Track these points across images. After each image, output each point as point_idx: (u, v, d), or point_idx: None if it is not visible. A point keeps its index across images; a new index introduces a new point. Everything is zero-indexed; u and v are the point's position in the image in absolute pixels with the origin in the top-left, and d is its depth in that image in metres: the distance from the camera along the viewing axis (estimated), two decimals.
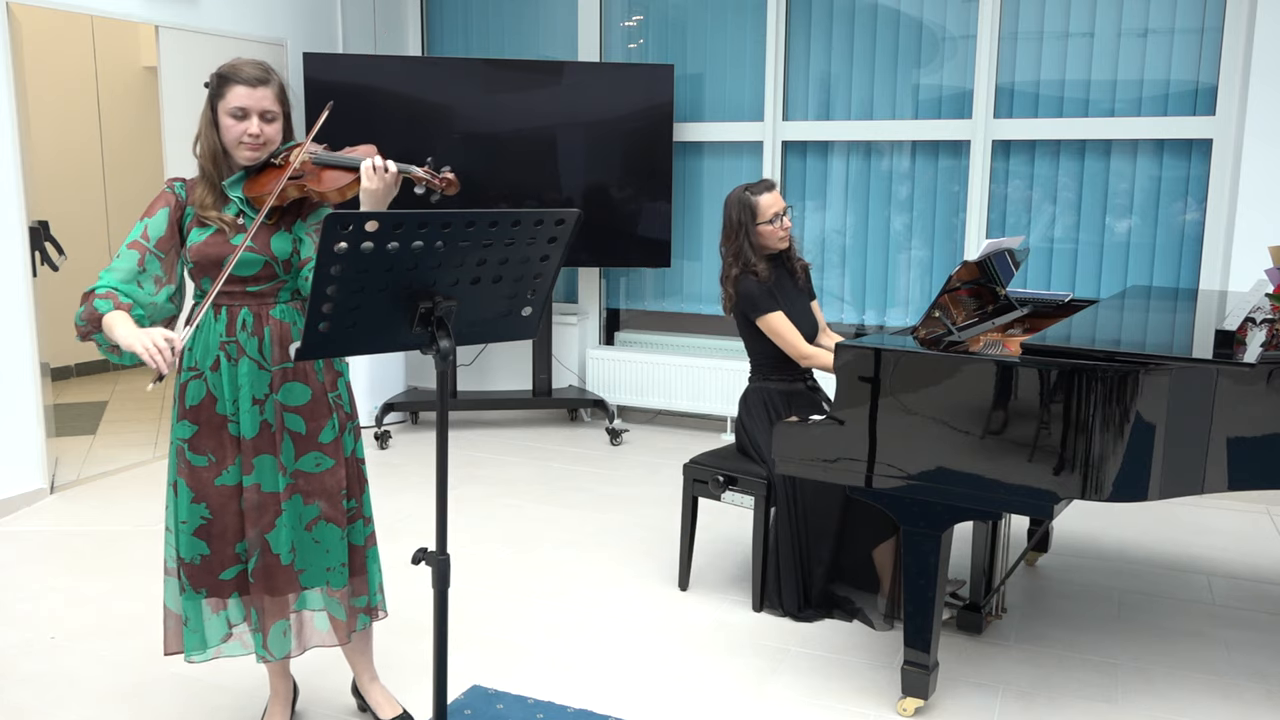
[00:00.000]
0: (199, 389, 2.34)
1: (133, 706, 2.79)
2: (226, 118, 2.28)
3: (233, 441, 2.35)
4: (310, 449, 2.39)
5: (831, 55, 5.46)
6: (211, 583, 2.37)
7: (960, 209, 5.29)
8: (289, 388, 2.36)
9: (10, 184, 4.30)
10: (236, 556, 2.37)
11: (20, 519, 4.26)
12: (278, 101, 2.31)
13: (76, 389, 6.72)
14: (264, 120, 2.29)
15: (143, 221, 2.32)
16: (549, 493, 4.67)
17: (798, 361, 3.38)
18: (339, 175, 2.30)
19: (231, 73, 2.28)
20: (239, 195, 2.32)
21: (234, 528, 2.36)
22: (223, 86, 2.28)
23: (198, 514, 2.34)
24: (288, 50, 5.59)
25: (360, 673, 2.67)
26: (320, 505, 2.40)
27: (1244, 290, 3.94)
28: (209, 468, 2.34)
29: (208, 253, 2.29)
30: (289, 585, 2.40)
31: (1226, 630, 3.30)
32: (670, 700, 2.84)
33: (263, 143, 2.30)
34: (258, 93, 2.27)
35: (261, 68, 2.31)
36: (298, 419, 2.37)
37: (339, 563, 2.43)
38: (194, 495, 2.34)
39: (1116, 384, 2.39)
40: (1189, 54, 4.78)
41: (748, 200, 3.36)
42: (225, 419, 2.34)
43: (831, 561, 3.31)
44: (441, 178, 2.28)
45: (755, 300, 3.37)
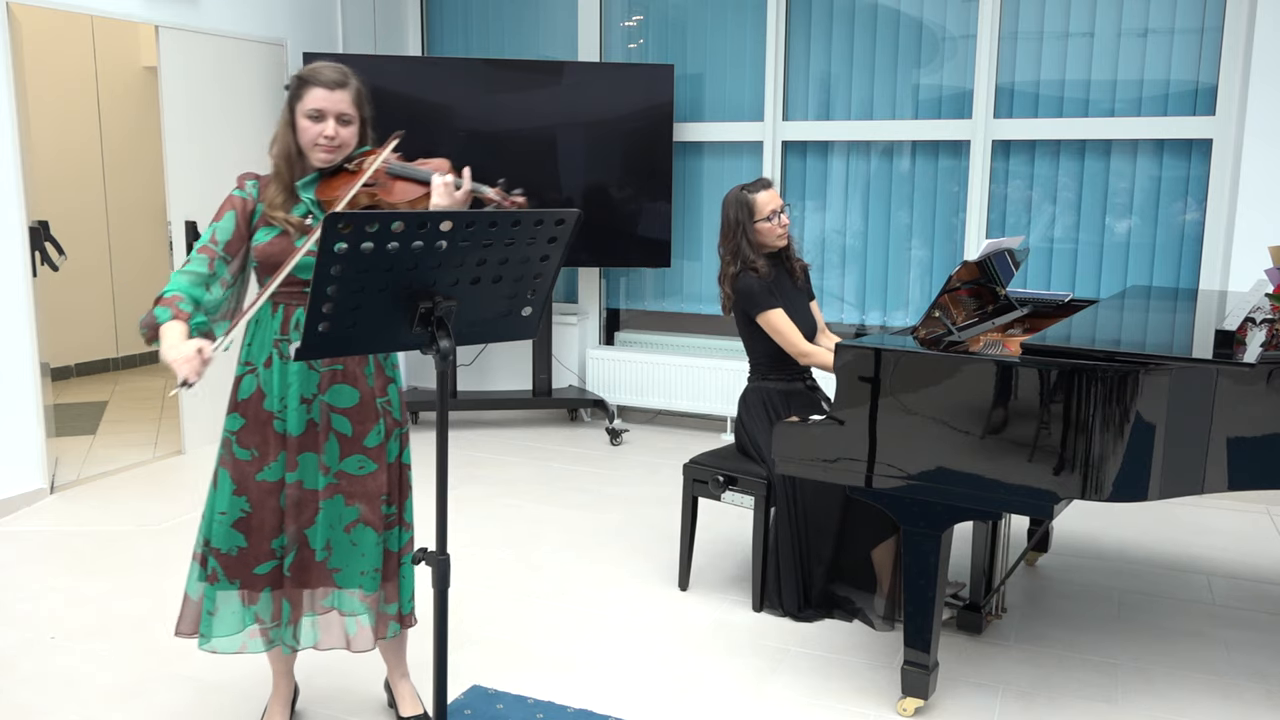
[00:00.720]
0: (251, 383, 2.37)
1: (133, 706, 2.79)
2: (303, 119, 2.32)
3: (277, 438, 2.37)
4: (354, 451, 2.41)
5: (831, 55, 5.46)
6: (245, 575, 2.39)
7: (960, 209, 5.29)
8: (337, 389, 2.39)
9: (10, 184, 4.30)
10: (272, 552, 2.39)
11: (20, 519, 4.26)
12: (354, 105, 2.35)
13: (76, 389, 6.72)
14: (340, 123, 2.32)
15: (212, 226, 2.37)
16: (549, 493, 4.67)
17: (797, 359, 3.38)
18: (410, 187, 2.33)
19: (311, 75, 2.33)
20: (310, 197, 2.35)
21: (271, 524, 2.38)
22: (301, 88, 2.32)
23: (238, 506, 2.37)
24: (288, 50, 5.59)
25: (393, 668, 2.70)
26: (360, 508, 2.42)
27: (1244, 290, 3.94)
28: (252, 462, 2.37)
29: (271, 253, 2.33)
30: (321, 579, 2.43)
31: (1226, 630, 3.30)
32: (670, 700, 2.84)
33: (337, 145, 2.33)
34: (335, 95, 2.31)
35: (341, 72, 2.35)
36: (344, 421, 2.40)
37: (373, 567, 2.45)
38: (235, 487, 2.37)
39: (1116, 384, 2.39)
40: (1189, 54, 4.78)
41: (745, 198, 3.37)
42: (272, 415, 2.37)
43: (831, 561, 3.31)
44: (511, 200, 2.32)
45: (755, 297, 3.37)
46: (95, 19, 6.70)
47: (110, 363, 7.26)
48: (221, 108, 5.23)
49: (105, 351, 7.22)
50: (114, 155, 7.16)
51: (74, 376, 7.01)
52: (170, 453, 5.23)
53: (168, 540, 4.02)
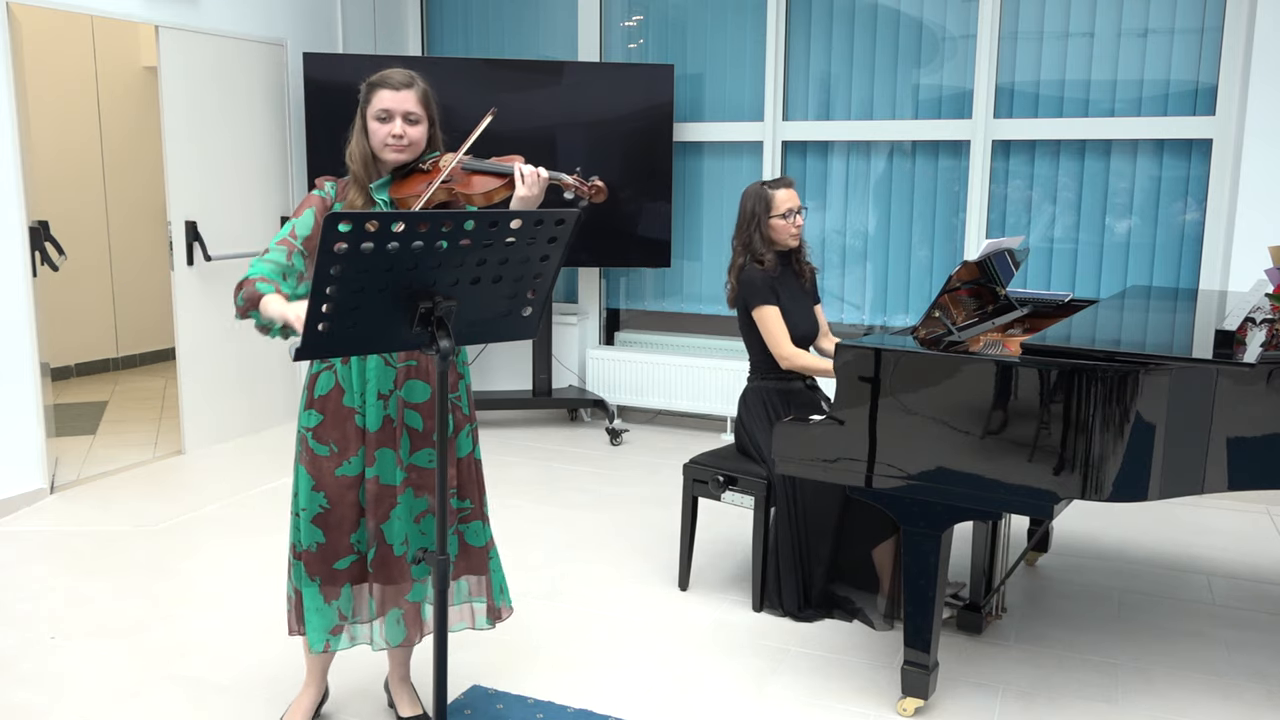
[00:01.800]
0: (329, 380, 2.40)
1: (133, 706, 2.79)
2: (373, 121, 2.38)
3: (357, 433, 2.41)
4: (425, 445, 2.45)
5: (831, 55, 5.46)
6: (325, 571, 2.42)
7: (960, 209, 5.29)
8: (411, 385, 2.42)
9: (10, 184, 4.30)
10: (351, 547, 2.43)
11: (20, 519, 4.26)
12: (420, 105, 2.41)
13: (76, 389, 6.72)
14: (407, 122, 2.38)
15: (291, 222, 2.40)
16: (549, 493, 4.67)
17: (778, 360, 3.39)
18: (487, 179, 2.41)
19: (379, 80, 2.40)
20: (385, 198, 2.40)
21: (350, 519, 2.42)
22: (370, 92, 2.40)
23: (316, 502, 2.41)
24: (288, 50, 5.59)
25: (394, 669, 2.71)
26: (429, 500, 2.46)
27: (1244, 290, 3.94)
28: (330, 457, 2.40)
29: None
30: (403, 575, 2.47)
31: (1226, 630, 3.30)
32: (670, 700, 2.84)
33: (406, 144, 2.38)
34: (401, 95, 2.38)
35: (407, 74, 2.42)
36: (416, 415, 2.43)
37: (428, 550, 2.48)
38: (314, 483, 2.41)
39: (1116, 384, 2.39)
40: (1189, 54, 4.78)
41: (764, 193, 3.40)
42: (352, 411, 2.40)
43: (831, 561, 3.32)
44: (591, 185, 2.41)
45: (755, 289, 3.39)
46: (95, 19, 6.70)
47: (110, 363, 7.26)
48: (221, 108, 5.23)
49: (105, 351, 7.22)
50: (114, 155, 7.16)
51: (74, 376, 7.01)
52: (170, 453, 5.23)
53: (168, 540, 4.02)
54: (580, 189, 2.42)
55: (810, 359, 3.38)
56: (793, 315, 3.43)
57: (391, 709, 2.75)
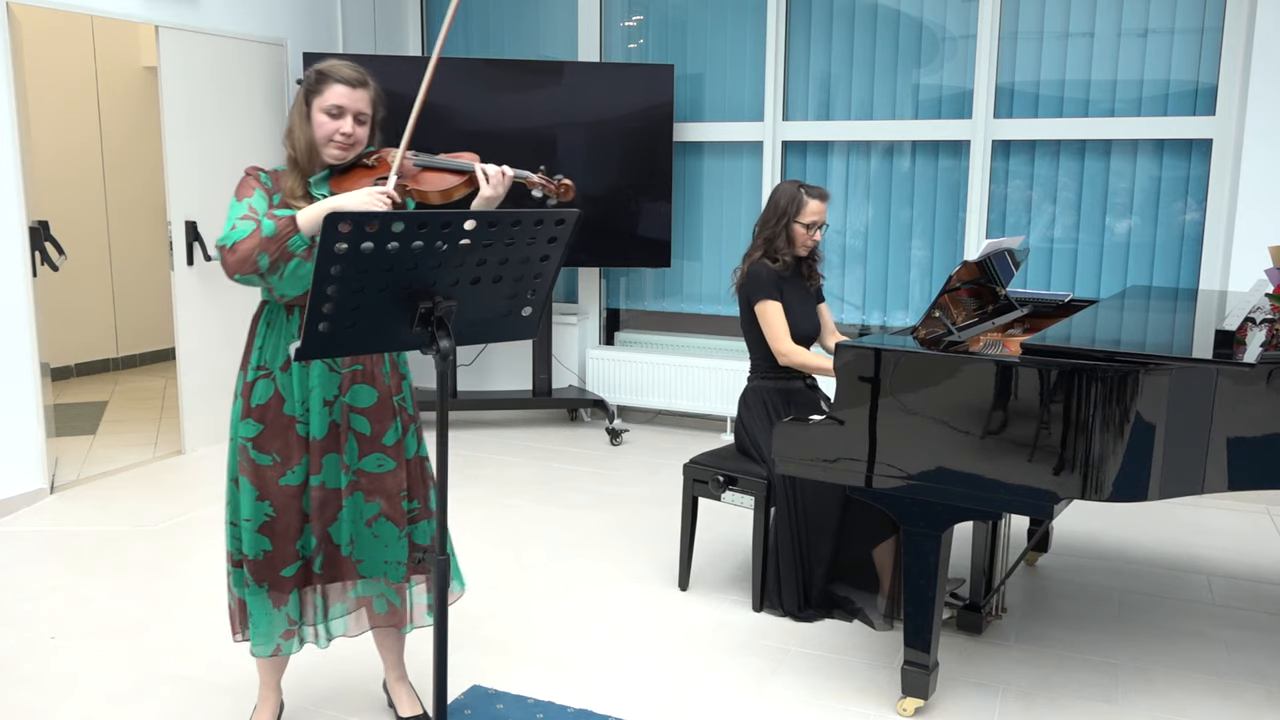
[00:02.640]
0: (267, 388, 2.36)
1: (132, 706, 2.79)
2: (320, 114, 2.32)
3: (299, 441, 2.37)
4: (373, 450, 2.43)
5: (831, 55, 5.46)
6: (273, 578, 2.40)
7: (960, 209, 5.29)
8: (356, 390, 2.40)
9: (10, 184, 4.30)
10: (296, 554, 2.41)
11: (20, 519, 4.26)
12: (371, 105, 2.37)
13: (76, 389, 6.72)
14: (357, 122, 2.34)
15: (241, 201, 2.29)
16: (549, 493, 4.67)
17: (776, 356, 3.40)
18: (443, 176, 2.36)
19: (332, 71, 2.34)
20: (324, 193, 2.36)
21: (295, 525, 2.40)
22: (320, 83, 2.33)
23: (261, 511, 2.37)
24: (288, 50, 5.59)
25: (390, 669, 2.71)
26: (380, 504, 2.44)
27: (1244, 290, 3.94)
28: (273, 467, 2.37)
29: None
30: (348, 574, 2.46)
31: (1226, 630, 3.30)
32: (670, 700, 2.84)
33: (352, 143, 2.35)
34: (356, 94, 2.33)
35: (360, 71, 2.37)
36: (363, 420, 2.41)
37: (396, 559, 2.47)
38: (258, 493, 2.37)
39: (1116, 384, 2.39)
40: (1189, 54, 4.78)
41: (800, 196, 3.43)
42: (293, 419, 2.36)
43: (831, 561, 3.32)
44: (559, 183, 2.36)
45: (760, 283, 3.41)
46: (95, 19, 6.70)
47: (110, 363, 7.26)
48: (221, 108, 5.23)
49: (105, 351, 7.22)
50: (114, 155, 7.16)
51: (74, 376, 7.01)
52: (170, 453, 5.23)
53: (167, 540, 4.02)
54: (548, 187, 2.38)
55: (809, 356, 3.39)
56: (795, 313, 3.43)
57: (392, 709, 2.75)
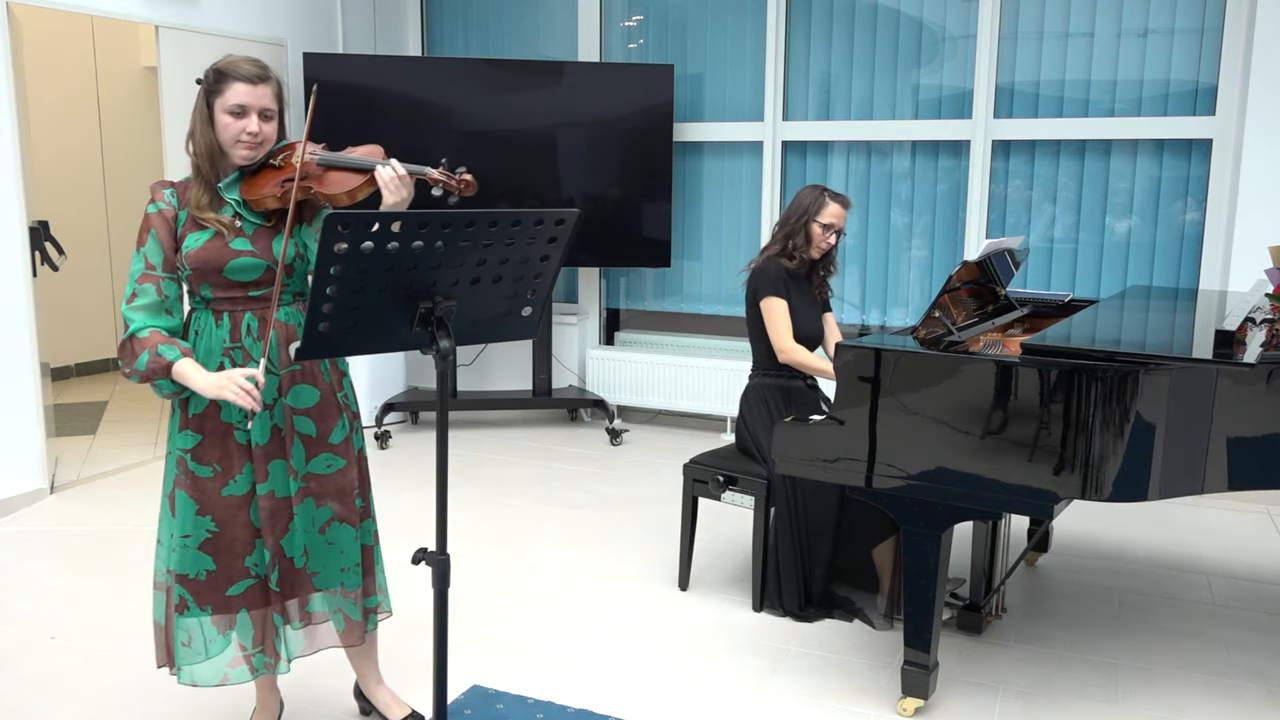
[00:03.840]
0: (202, 398, 2.25)
1: (132, 706, 2.79)
2: (224, 115, 2.21)
3: (240, 450, 2.28)
4: (321, 450, 2.36)
5: (831, 55, 5.46)
6: (217, 599, 2.28)
7: (960, 209, 5.29)
8: (297, 390, 2.32)
9: (10, 184, 4.30)
10: (246, 570, 2.30)
11: (20, 519, 4.26)
12: (276, 99, 2.26)
13: (76, 389, 6.72)
14: (263, 119, 2.23)
15: (139, 252, 2.24)
16: (549, 493, 4.67)
17: (776, 353, 3.41)
18: (347, 177, 2.25)
19: (230, 69, 2.22)
20: (235, 197, 2.26)
21: (243, 539, 2.29)
22: (220, 83, 2.21)
23: (203, 527, 2.27)
24: (288, 50, 5.59)
25: (366, 676, 2.64)
26: (333, 506, 2.37)
27: (1244, 290, 3.94)
28: (214, 478, 2.27)
29: (206, 258, 2.22)
30: (303, 588, 2.37)
31: (1226, 630, 3.30)
32: (670, 700, 2.84)
33: (260, 142, 2.24)
34: (257, 90, 2.22)
35: (259, 65, 2.26)
36: (307, 421, 2.33)
37: (353, 563, 2.41)
38: (199, 508, 2.27)
39: (1116, 384, 2.39)
40: (1189, 54, 4.78)
41: (821, 199, 3.45)
42: (231, 426, 2.28)
43: (830, 561, 3.32)
44: (459, 179, 2.24)
45: (768, 280, 3.42)
46: (95, 19, 6.69)
47: (110, 363, 7.26)
48: None
49: (105, 351, 7.21)
50: (114, 155, 7.16)
51: (74, 376, 7.01)
52: None
53: None
54: (448, 184, 2.23)
55: (807, 356, 3.39)
56: (799, 314, 3.44)
57: (365, 717, 2.70)
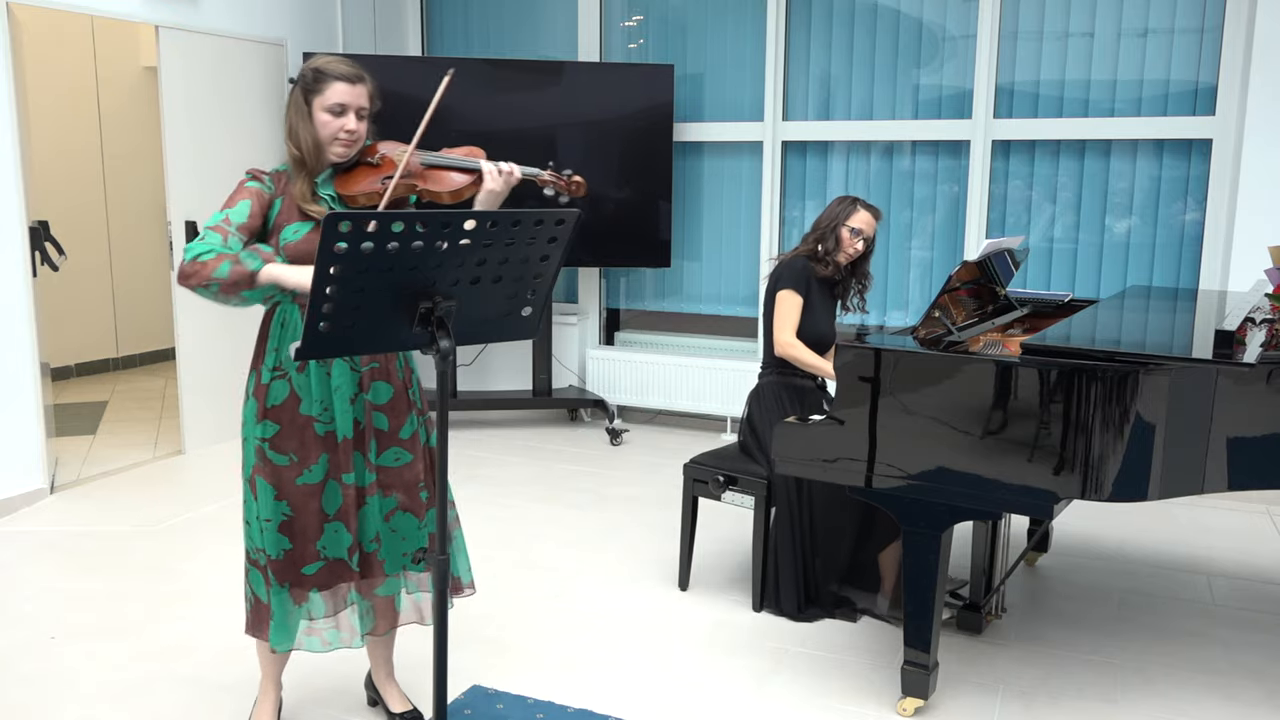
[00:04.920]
0: (282, 389, 2.35)
1: (132, 706, 2.79)
2: (322, 113, 2.31)
3: (316, 441, 2.36)
4: (391, 444, 2.43)
5: (831, 55, 5.46)
6: (294, 576, 2.39)
7: (960, 209, 5.29)
8: (376, 386, 2.41)
9: (10, 184, 4.30)
10: (317, 553, 2.39)
11: (20, 519, 4.26)
12: (370, 99, 2.36)
13: (76, 389, 6.72)
14: (359, 118, 2.33)
15: (222, 212, 2.31)
16: (549, 493, 4.67)
17: (775, 346, 3.41)
18: (453, 176, 2.35)
19: (329, 68, 2.32)
20: (330, 193, 2.35)
21: (314, 525, 2.38)
22: (320, 82, 2.31)
23: (280, 511, 2.37)
24: (288, 50, 5.59)
25: (378, 667, 2.70)
26: (398, 497, 2.45)
27: (1244, 290, 3.94)
28: (290, 467, 2.36)
29: (306, 249, 2.28)
30: (374, 571, 2.46)
31: (1226, 630, 3.30)
32: (670, 700, 2.84)
33: (356, 140, 2.34)
34: (356, 89, 2.32)
35: (356, 66, 2.36)
36: (382, 416, 2.42)
37: (415, 548, 2.48)
38: (276, 493, 2.36)
39: (1116, 384, 2.39)
40: (1189, 54, 4.78)
41: (852, 206, 3.50)
42: (311, 419, 2.35)
43: (847, 566, 3.33)
44: (570, 180, 2.34)
45: (792, 274, 3.44)
46: (95, 19, 6.69)
47: (110, 363, 7.26)
48: (221, 108, 5.23)
49: (105, 351, 7.22)
50: (114, 155, 7.16)
51: (74, 376, 7.01)
52: (170, 453, 5.23)
53: (167, 540, 4.02)
54: (559, 184, 2.36)
55: (803, 351, 3.38)
56: (815, 316, 3.45)
57: (373, 707, 2.74)
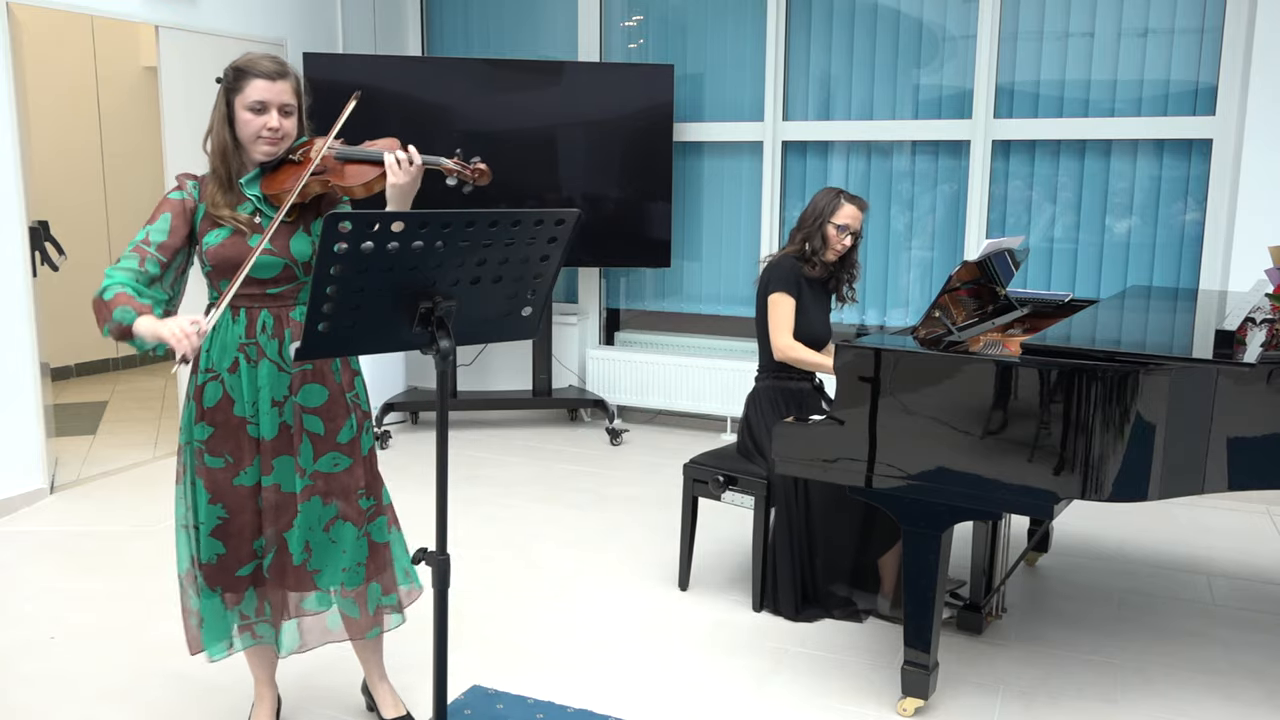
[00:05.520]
0: (216, 390, 2.31)
1: (132, 706, 2.79)
2: (244, 112, 2.26)
3: (251, 443, 2.33)
4: (328, 449, 2.38)
5: (831, 55, 5.46)
6: (228, 580, 2.36)
7: (960, 209, 5.29)
8: (307, 389, 2.35)
9: (10, 184, 4.30)
10: (253, 553, 2.37)
11: (20, 519, 4.26)
12: (295, 95, 2.29)
13: (76, 389, 6.72)
14: (282, 114, 2.27)
15: (145, 228, 2.29)
16: (549, 493, 4.67)
17: (773, 351, 3.40)
18: (363, 169, 2.26)
19: (249, 66, 2.25)
20: (256, 193, 2.29)
21: (251, 526, 2.35)
22: (240, 80, 2.25)
23: (215, 514, 2.33)
24: (288, 50, 5.59)
25: (370, 670, 2.67)
26: (338, 505, 2.40)
27: (1244, 290, 3.94)
28: (226, 469, 2.32)
29: (225, 254, 2.26)
30: (301, 584, 2.40)
31: (1226, 630, 3.30)
32: (670, 700, 2.84)
33: (280, 137, 2.28)
34: (277, 86, 2.25)
35: (278, 61, 2.29)
36: (316, 420, 2.36)
37: (355, 562, 2.42)
38: (211, 496, 2.33)
39: (1116, 384, 2.39)
40: (1189, 54, 4.78)
41: (836, 200, 3.43)
42: (244, 420, 2.32)
43: (849, 566, 3.32)
44: (474, 168, 2.25)
45: (781, 275, 3.40)
46: (95, 19, 6.69)
47: (110, 363, 7.26)
48: None
49: (105, 351, 7.21)
50: (114, 155, 7.16)
51: (74, 376, 7.01)
52: (170, 453, 5.23)
53: (167, 540, 4.01)
54: (463, 173, 2.25)
55: (803, 352, 3.36)
56: (809, 316, 3.43)
57: (371, 711, 2.72)
